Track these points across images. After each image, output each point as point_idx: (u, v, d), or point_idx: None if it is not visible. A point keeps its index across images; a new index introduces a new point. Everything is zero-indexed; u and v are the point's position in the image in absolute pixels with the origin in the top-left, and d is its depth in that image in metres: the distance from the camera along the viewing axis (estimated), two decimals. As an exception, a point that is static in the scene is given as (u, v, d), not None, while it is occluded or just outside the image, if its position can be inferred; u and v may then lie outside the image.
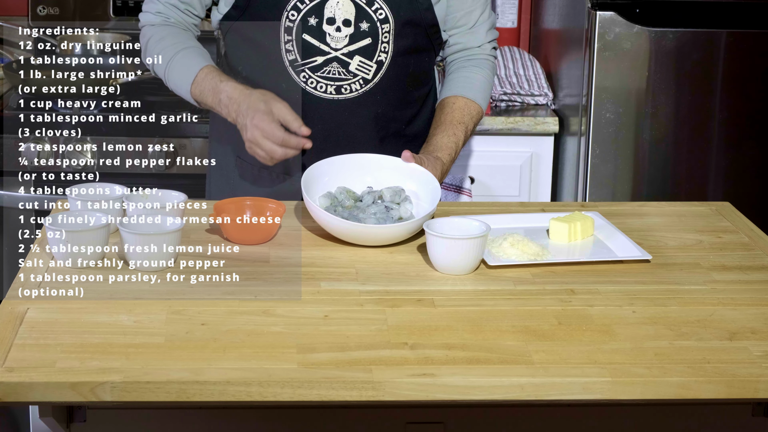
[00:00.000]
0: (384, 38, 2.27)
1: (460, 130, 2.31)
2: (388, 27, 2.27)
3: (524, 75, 3.42)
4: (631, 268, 1.98)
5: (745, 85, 3.10)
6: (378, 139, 2.34)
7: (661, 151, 3.13)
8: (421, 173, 2.15)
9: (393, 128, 2.36)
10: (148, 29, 2.32)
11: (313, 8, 2.26)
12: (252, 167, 2.36)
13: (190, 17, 2.34)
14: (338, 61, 2.27)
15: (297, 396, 1.55)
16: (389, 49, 2.28)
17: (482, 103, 2.38)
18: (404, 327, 1.72)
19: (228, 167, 2.41)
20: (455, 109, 2.34)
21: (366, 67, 2.28)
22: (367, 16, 2.26)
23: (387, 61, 2.29)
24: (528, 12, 3.70)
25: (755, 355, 1.66)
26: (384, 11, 2.26)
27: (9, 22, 3.55)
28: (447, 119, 2.32)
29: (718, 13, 3.08)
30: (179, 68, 2.25)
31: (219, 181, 2.45)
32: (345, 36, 2.26)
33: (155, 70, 2.30)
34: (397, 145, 2.33)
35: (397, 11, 2.28)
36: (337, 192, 2.11)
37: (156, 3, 2.32)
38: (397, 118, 2.36)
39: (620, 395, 1.59)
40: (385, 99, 2.32)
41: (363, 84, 2.30)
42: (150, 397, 1.54)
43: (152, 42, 2.28)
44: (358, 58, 2.27)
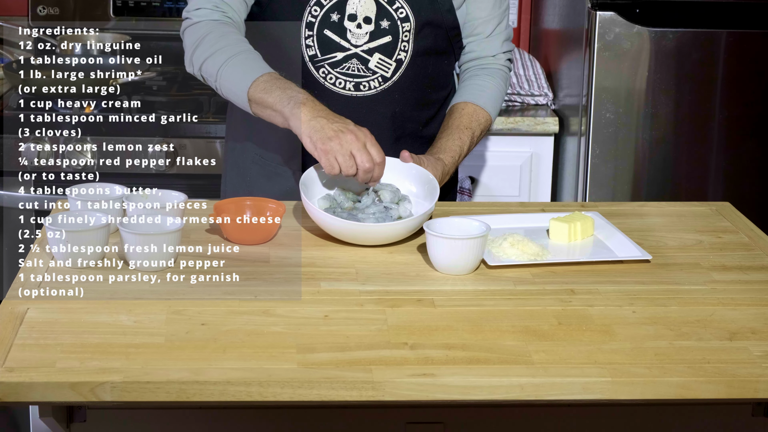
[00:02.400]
0: (404, 37, 2.28)
1: (466, 134, 2.32)
2: (408, 26, 2.28)
3: (524, 75, 3.42)
4: (631, 268, 1.98)
5: (745, 85, 3.10)
6: (394, 138, 2.34)
7: (661, 151, 3.13)
8: (420, 173, 2.16)
9: (409, 128, 2.37)
10: (206, 25, 2.23)
11: (336, 4, 2.27)
12: (270, 164, 2.37)
13: (240, 16, 2.28)
14: (358, 57, 2.28)
15: (297, 396, 1.55)
16: (409, 48, 2.29)
17: (492, 112, 2.38)
18: (404, 327, 1.72)
19: (245, 165, 2.41)
20: (463, 114, 2.35)
21: (385, 65, 2.29)
22: (388, 15, 2.27)
23: (406, 61, 2.30)
24: (528, 12, 3.70)
25: (755, 355, 1.66)
26: (405, 10, 2.27)
27: (9, 22, 3.55)
28: (454, 124, 2.33)
29: (718, 13, 3.08)
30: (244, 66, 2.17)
31: (235, 180, 2.46)
32: (365, 33, 2.27)
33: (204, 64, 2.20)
34: (412, 146, 2.33)
35: (418, 11, 2.29)
36: (335, 194, 2.11)
37: None
38: (414, 119, 2.37)
39: (620, 395, 1.59)
40: (403, 98, 2.33)
41: (382, 82, 2.30)
42: (150, 397, 1.54)
43: (211, 37, 2.20)
44: (377, 55, 2.28)
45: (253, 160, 2.41)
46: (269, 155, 2.38)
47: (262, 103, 2.14)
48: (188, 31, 2.27)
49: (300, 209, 2.18)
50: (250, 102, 2.16)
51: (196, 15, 2.27)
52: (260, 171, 2.40)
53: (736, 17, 3.08)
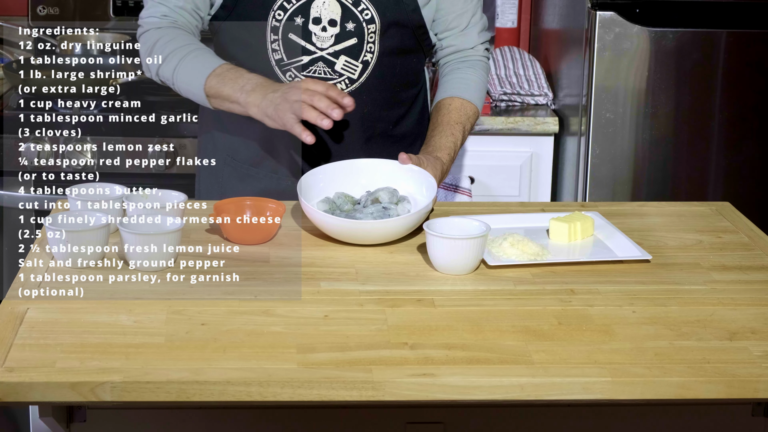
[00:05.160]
0: (370, 38, 2.28)
1: (458, 130, 2.32)
2: (374, 27, 2.28)
3: (524, 75, 3.42)
4: (631, 268, 1.98)
5: (745, 85, 3.10)
6: (364, 139, 2.34)
7: (661, 151, 3.13)
8: (418, 173, 2.15)
9: (380, 128, 2.37)
10: (154, 32, 2.28)
11: (300, 8, 2.26)
12: (242, 165, 2.37)
13: (196, 19, 2.32)
14: (324, 60, 2.28)
15: (297, 396, 1.55)
16: (375, 49, 2.29)
17: (478, 104, 2.39)
18: (404, 327, 1.72)
19: (217, 166, 2.41)
20: (452, 110, 2.35)
21: (352, 66, 2.29)
22: (353, 17, 2.27)
23: (373, 62, 2.30)
24: (528, 12, 3.70)
25: (755, 355, 1.66)
26: (370, 11, 2.27)
27: (9, 22, 3.55)
28: (444, 120, 2.33)
29: (718, 13, 3.08)
30: (195, 63, 2.22)
31: (208, 180, 2.45)
32: (331, 36, 2.27)
33: (160, 69, 2.26)
34: (384, 146, 2.34)
35: (383, 12, 2.28)
36: (335, 197, 2.11)
37: (160, 6, 2.30)
38: (384, 119, 2.37)
39: (620, 395, 1.59)
40: (371, 99, 2.33)
41: (349, 84, 2.30)
42: (150, 397, 1.54)
43: (161, 43, 2.25)
44: (343, 57, 2.28)
45: (224, 162, 2.40)
46: (239, 156, 2.38)
47: (219, 96, 2.20)
48: (141, 39, 2.31)
49: (300, 209, 2.18)
50: (209, 98, 2.21)
51: (146, 23, 2.31)
52: (232, 172, 2.39)
53: (736, 17, 3.08)
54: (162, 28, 2.29)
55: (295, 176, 2.32)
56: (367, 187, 2.16)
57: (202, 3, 2.31)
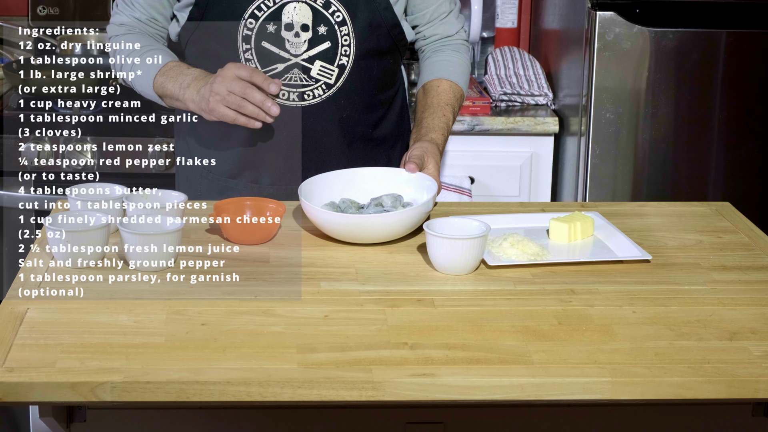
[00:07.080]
0: (344, 41, 2.26)
1: (448, 111, 2.33)
2: (346, 29, 2.26)
3: (524, 75, 3.42)
4: (631, 268, 1.98)
5: (745, 85, 3.11)
6: (346, 144, 2.33)
7: (661, 151, 3.13)
8: (418, 177, 2.15)
9: (360, 132, 2.36)
10: (114, 39, 2.33)
11: (271, 15, 2.25)
12: (219, 178, 2.36)
13: (156, 29, 2.34)
14: (299, 67, 2.27)
15: (297, 396, 1.55)
16: (350, 52, 2.28)
17: (464, 87, 2.41)
18: (404, 327, 1.72)
19: (194, 179, 2.40)
20: (441, 91, 2.35)
21: (328, 71, 2.27)
22: (325, 20, 2.26)
23: (349, 65, 2.29)
24: (528, 12, 3.70)
25: (755, 355, 1.66)
26: (341, 13, 2.25)
27: (9, 22, 3.55)
28: (435, 101, 2.33)
29: (718, 13, 3.08)
30: (144, 64, 2.25)
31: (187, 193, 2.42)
32: (304, 41, 2.26)
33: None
34: (365, 149, 2.34)
35: (354, 12, 2.27)
36: (340, 202, 2.11)
37: (120, 15, 2.34)
38: (363, 122, 2.35)
39: (620, 395, 1.59)
40: (349, 103, 2.32)
41: (326, 89, 2.29)
42: (150, 397, 1.54)
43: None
44: (319, 62, 2.27)
45: (201, 175, 2.39)
46: (216, 169, 2.36)
47: (166, 95, 2.24)
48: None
49: (300, 210, 2.18)
50: (161, 97, 2.26)
51: (110, 30, 2.36)
52: (209, 185, 2.37)
53: (736, 17, 3.08)
54: (119, 36, 2.32)
55: (275, 185, 2.32)
56: (369, 194, 2.15)
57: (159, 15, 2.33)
